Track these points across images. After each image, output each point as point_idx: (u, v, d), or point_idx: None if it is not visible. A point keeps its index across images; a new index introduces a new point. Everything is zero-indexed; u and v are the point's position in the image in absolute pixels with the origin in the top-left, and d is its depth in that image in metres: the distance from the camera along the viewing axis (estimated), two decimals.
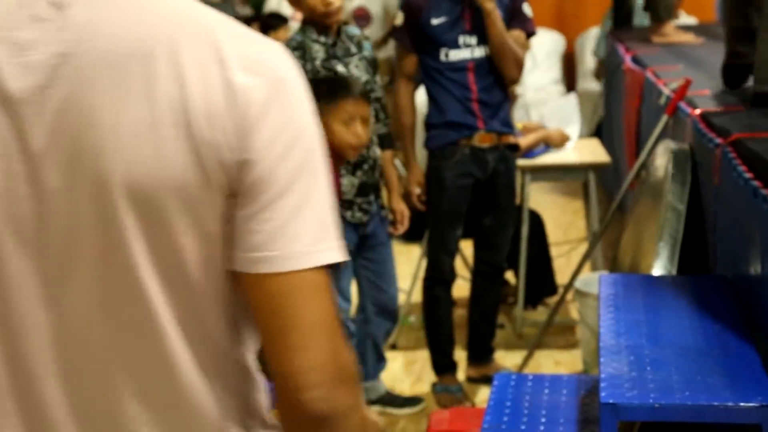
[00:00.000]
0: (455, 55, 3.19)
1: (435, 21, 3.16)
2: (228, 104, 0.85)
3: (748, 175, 2.09)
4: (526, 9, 3.26)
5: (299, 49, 2.93)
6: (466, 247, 3.75)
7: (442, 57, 3.18)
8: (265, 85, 0.86)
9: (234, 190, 0.87)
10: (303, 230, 0.88)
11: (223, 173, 0.86)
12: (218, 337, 0.93)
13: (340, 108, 2.68)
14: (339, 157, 2.68)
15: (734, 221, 2.27)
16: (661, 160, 2.91)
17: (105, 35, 0.86)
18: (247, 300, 0.91)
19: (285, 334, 0.89)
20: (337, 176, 2.69)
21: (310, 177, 0.89)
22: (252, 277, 0.89)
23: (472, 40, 3.19)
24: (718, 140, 2.48)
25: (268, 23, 6.44)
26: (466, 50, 3.19)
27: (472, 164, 3.24)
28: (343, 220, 2.90)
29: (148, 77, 0.84)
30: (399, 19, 3.25)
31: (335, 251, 0.91)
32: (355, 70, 3.01)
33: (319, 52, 2.96)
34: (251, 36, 0.90)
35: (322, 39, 2.97)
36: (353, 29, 3.13)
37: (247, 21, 6.86)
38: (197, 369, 0.91)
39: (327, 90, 2.67)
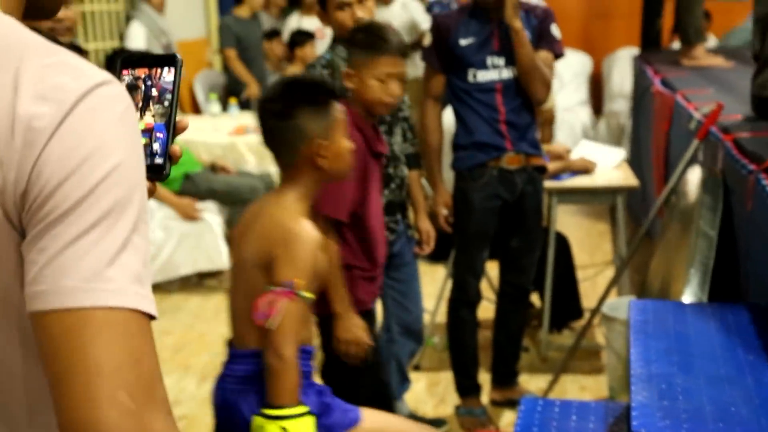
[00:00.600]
0: (483, 76, 3.18)
1: (463, 42, 3.16)
2: (9, 135, 0.77)
3: None
4: (555, 30, 3.25)
5: (328, 68, 2.93)
6: (492, 268, 3.73)
7: (470, 78, 3.17)
8: (55, 112, 0.77)
9: (23, 224, 0.79)
10: (80, 262, 0.76)
11: (10, 206, 0.78)
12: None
13: (377, 64, 2.61)
14: (370, 113, 2.65)
15: (767, 249, 2.23)
16: (692, 185, 2.88)
17: None
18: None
19: (62, 382, 0.76)
20: (374, 133, 2.64)
21: (104, 205, 0.78)
22: (31, 317, 0.78)
23: (500, 61, 3.18)
24: (752, 166, 2.45)
25: (295, 39, 6.49)
26: (494, 71, 3.18)
27: (499, 186, 3.22)
28: None
29: None
30: (427, 39, 3.24)
31: (131, 294, 0.79)
32: None
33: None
34: (67, 64, 0.81)
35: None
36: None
37: (270, 35, 6.92)
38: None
39: (365, 43, 2.62)
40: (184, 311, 4.61)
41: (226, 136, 5.35)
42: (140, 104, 1.06)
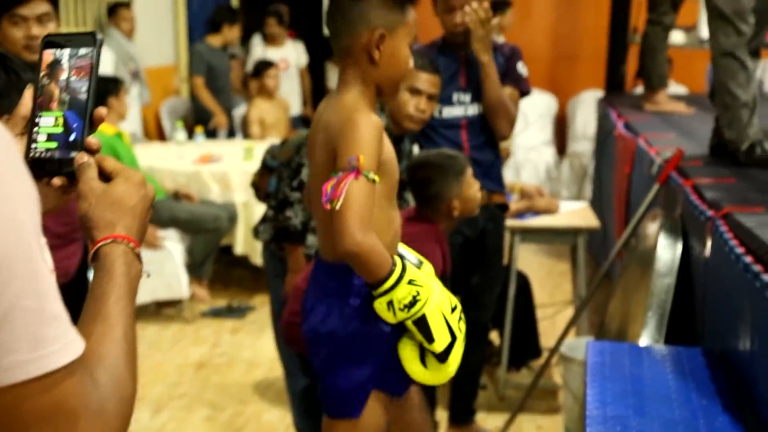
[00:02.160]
0: (449, 112, 3.21)
1: None
2: None
3: (740, 249, 2.09)
4: (521, 68, 3.29)
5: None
6: None
7: (436, 113, 3.20)
8: None
9: None
10: None
11: None
12: None
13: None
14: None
15: (724, 295, 2.26)
16: (652, 229, 2.91)
17: None
18: None
19: None
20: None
21: None
22: None
23: (466, 97, 3.21)
24: (710, 212, 2.49)
25: (259, 69, 6.54)
26: (460, 107, 3.21)
27: (462, 222, 3.23)
28: None
29: None
30: None
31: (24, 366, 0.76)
32: None
33: None
34: None
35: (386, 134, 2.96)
36: (408, 144, 3.10)
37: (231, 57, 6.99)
38: None
39: (452, 170, 2.67)
40: (141, 340, 4.54)
41: (190, 164, 5.32)
42: (56, 92, 1.01)
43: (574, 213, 4.14)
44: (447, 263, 2.65)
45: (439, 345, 1.92)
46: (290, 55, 7.23)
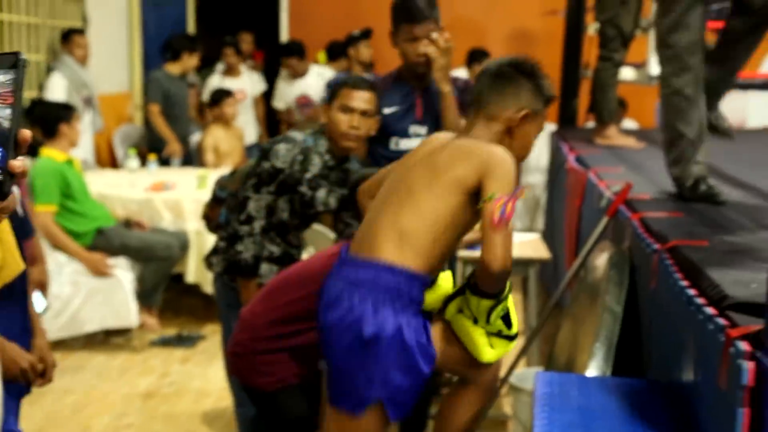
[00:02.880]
0: (406, 144, 3.23)
1: (387, 110, 3.21)
2: None
3: (684, 282, 2.12)
4: None
5: (304, 153, 2.94)
6: None
7: (393, 146, 3.22)
8: None
9: None
10: None
11: None
12: None
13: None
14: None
15: (669, 327, 2.29)
16: (600, 260, 2.95)
17: None
18: None
19: None
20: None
21: None
22: None
23: (422, 130, 3.24)
24: (656, 245, 2.53)
25: (215, 98, 6.54)
26: (416, 140, 3.23)
27: None
28: None
29: None
30: None
31: None
32: (331, 199, 3.02)
33: (315, 166, 2.96)
34: None
35: (327, 158, 2.99)
36: (355, 164, 3.13)
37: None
38: None
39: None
40: (87, 370, 4.47)
41: (142, 192, 5.28)
42: None
43: (526, 244, 4.18)
44: None
45: (515, 328, 2.30)
46: (246, 86, 7.23)
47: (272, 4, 8.29)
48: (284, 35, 8.22)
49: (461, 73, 6.47)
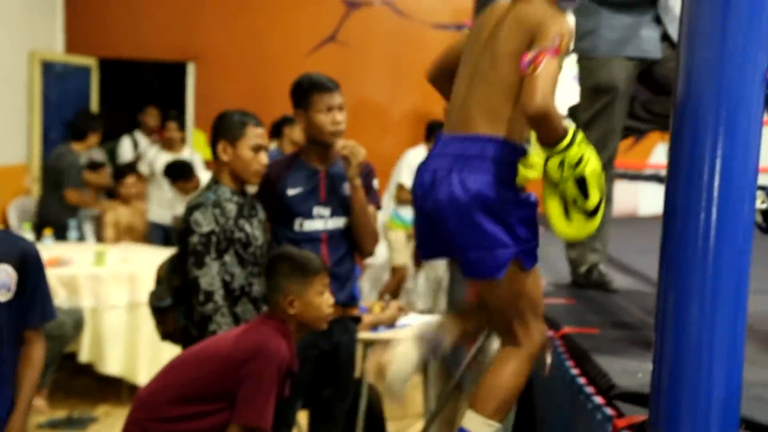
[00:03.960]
0: (310, 225, 3.24)
1: (291, 191, 3.23)
2: None
3: (575, 370, 2.18)
4: (375, 184, 3.40)
5: (217, 207, 2.98)
6: (302, 417, 3.68)
7: (297, 227, 3.23)
8: None
9: None
10: None
11: None
12: None
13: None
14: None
15: (561, 415, 2.34)
16: (497, 344, 2.99)
17: None
18: None
19: None
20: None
21: None
22: None
23: (326, 211, 3.26)
24: (549, 332, 2.58)
25: (120, 170, 6.49)
26: (320, 221, 3.25)
27: (318, 335, 3.23)
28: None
29: None
30: (253, 187, 3.29)
31: None
32: (256, 230, 3.08)
33: (232, 211, 3.02)
34: None
35: (235, 198, 3.05)
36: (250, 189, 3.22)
37: (95, 166, 6.81)
38: None
39: (300, 268, 2.71)
40: None
41: None
42: None
43: (423, 326, 4.21)
44: (293, 360, 2.65)
45: (592, 202, 2.08)
46: (187, 158, 7.12)
47: (179, 78, 8.29)
48: (190, 109, 8.22)
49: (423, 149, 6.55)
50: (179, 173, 6.47)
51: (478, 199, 2.10)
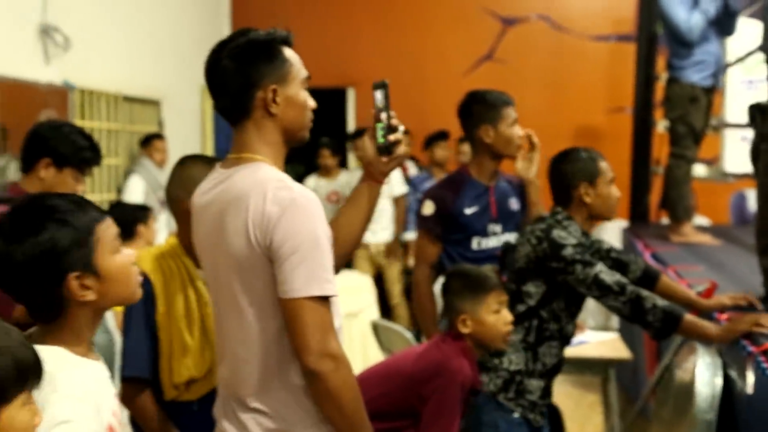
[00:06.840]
0: (486, 243, 3.24)
1: (468, 210, 3.23)
2: (262, 219, 1.81)
3: None
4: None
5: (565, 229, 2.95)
6: None
7: (475, 245, 3.22)
8: (280, 209, 1.80)
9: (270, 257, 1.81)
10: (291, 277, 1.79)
11: (264, 248, 1.82)
12: None
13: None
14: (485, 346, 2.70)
15: None
16: (689, 363, 2.87)
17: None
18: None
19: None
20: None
21: (296, 254, 1.80)
22: (280, 301, 1.82)
23: (498, 228, 3.26)
24: (751, 347, 2.46)
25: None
26: (494, 238, 3.25)
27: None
28: (528, 422, 2.90)
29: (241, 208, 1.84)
30: (428, 208, 3.28)
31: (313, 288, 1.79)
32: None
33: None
34: (283, 185, 1.84)
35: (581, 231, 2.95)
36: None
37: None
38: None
39: (471, 286, 2.66)
40: None
41: None
42: None
43: (604, 344, 4.10)
44: (476, 377, 2.62)
45: None
46: (342, 187, 7.23)
47: (334, 104, 8.47)
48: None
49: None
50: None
51: None
